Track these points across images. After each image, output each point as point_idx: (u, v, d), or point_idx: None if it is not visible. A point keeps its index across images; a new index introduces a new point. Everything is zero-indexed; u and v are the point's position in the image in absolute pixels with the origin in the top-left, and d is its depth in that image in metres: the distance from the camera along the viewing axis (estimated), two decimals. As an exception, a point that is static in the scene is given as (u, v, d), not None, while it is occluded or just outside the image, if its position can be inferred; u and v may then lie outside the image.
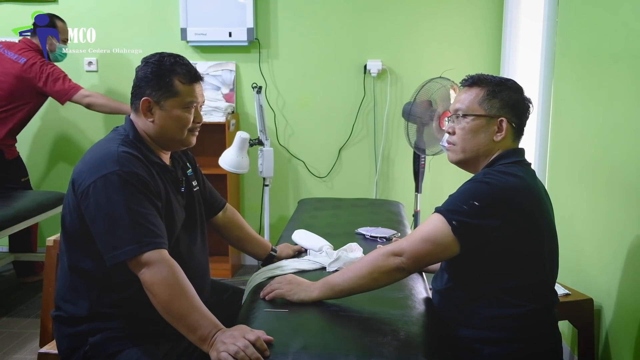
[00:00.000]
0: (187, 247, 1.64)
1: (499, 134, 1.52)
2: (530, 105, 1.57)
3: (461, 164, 1.59)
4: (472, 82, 1.57)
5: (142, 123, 1.58)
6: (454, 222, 1.39)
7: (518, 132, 1.56)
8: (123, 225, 1.40)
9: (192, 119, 1.59)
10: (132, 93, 1.60)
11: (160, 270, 1.39)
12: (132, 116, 1.61)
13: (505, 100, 1.52)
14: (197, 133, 1.65)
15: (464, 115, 1.54)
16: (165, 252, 1.42)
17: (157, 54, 1.61)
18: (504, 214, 1.40)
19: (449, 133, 1.58)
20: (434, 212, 1.45)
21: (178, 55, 1.61)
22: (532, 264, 1.46)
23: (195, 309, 1.39)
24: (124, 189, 1.42)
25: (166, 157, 1.65)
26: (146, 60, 1.59)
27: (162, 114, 1.56)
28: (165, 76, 1.55)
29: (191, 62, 1.65)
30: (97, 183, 1.43)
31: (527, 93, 1.59)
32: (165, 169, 1.61)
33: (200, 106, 1.64)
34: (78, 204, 1.47)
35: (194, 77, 1.59)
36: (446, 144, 1.60)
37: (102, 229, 1.42)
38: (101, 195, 1.42)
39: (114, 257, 1.40)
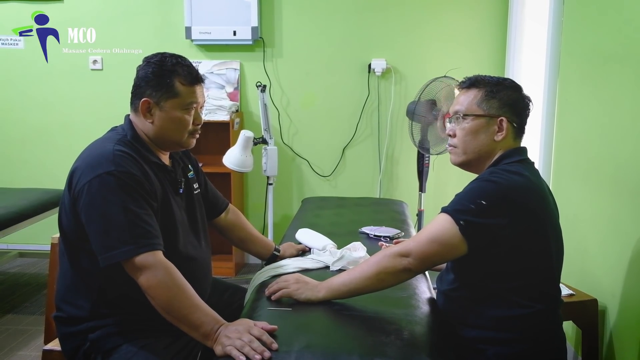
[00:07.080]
0: (190, 249, 1.63)
1: (499, 134, 1.51)
2: (530, 103, 1.57)
3: (464, 165, 1.58)
4: (469, 83, 1.57)
5: (141, 123, 1.57)
6: (461, 222, 1.38)
7: (519, 130, 1.55)
8: (118, 226, 1.39)
9: (192, 121, 1.58)
10: (132, 92, 1.58)
11: (156, 274, 1.39)
12: (132, 116, 1.60)
13: (503, 100, 1.52)
14: (197, 135, 1.63)
15: (464, 117, 1.54)
16: (160, 254, 1.42)
17: (159, 53, 1.59)
18: (511, 213, 1.40)
19: (449, 136, 1.58)
20: (440, 211, 1.44)
21: (180, 56, 1.59)
22: (538, 262, 1.45)
23: (196, 307, 1.39)
24: (119, 189, 1.41)
25: (165, 158, 1.64)
26: (147, 60, 1.57)
27: (161, 115, 1.54)
28: (166, 77, 1.53)
29: (195, 60, 1.64)
30: (92, 182, 1.42)
31: (530, 92, 1.59)
32: (164, 169, 1.60)
33: (201, 107, 1.63)
34: (73, 204, 1.46)
35: (195, 78, 1.57)
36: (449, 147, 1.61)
37: (97, 229, 1.41)
38: (96, 195, 1.41)
39: (108, 258, 1.39)
